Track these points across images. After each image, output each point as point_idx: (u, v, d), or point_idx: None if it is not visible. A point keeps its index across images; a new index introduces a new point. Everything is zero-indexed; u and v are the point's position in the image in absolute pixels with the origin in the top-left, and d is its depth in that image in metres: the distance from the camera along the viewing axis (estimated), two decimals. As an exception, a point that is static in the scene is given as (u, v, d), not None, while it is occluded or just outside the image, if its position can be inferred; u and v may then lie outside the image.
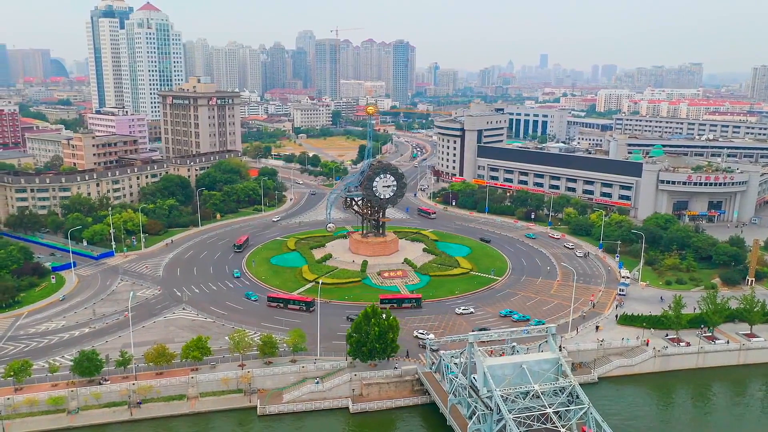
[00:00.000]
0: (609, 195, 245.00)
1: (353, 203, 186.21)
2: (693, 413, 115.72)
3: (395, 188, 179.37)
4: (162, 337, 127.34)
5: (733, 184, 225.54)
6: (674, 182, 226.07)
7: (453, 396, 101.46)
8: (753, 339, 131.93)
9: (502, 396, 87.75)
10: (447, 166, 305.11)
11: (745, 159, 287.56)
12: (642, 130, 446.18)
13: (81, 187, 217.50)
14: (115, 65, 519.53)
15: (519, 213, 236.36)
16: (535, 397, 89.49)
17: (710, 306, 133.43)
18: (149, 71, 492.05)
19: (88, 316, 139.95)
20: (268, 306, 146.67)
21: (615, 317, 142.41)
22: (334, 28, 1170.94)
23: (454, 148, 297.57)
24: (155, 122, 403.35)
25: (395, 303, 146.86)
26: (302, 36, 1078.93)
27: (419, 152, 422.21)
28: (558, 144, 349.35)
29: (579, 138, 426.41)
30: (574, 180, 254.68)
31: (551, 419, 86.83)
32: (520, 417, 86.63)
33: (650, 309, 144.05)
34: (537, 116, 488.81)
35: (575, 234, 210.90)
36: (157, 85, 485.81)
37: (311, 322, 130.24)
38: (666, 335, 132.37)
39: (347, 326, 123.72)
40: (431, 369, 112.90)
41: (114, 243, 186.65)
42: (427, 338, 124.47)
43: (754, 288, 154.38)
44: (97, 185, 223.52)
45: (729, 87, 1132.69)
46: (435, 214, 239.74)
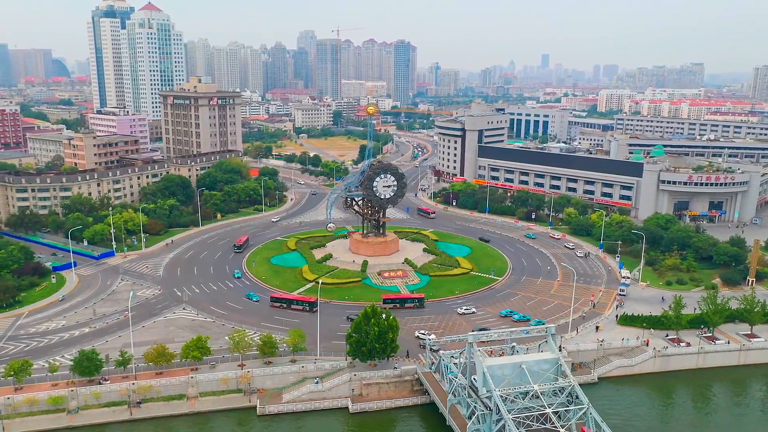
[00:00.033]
0: (610, 195, 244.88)
1: (354, 203, 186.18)
2: (693, 413, 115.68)
3: (396, 188, 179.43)
4: (162, 337, 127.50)
5: (734, 185, 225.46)
6: (675, 182, 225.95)
7: (452, 396, 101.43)
8: (753, 339, 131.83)
9: (502, 396, 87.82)
10: (448, 166, 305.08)
11: (746, 159, 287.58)
12: (643, 130, 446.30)
13: (82, 187, 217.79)
14: (117, 65, 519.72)
15: (520, 213, 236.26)
16: (535, 398, 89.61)
17: (710, 306, 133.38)
18: (150, 71, 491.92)
19: (89, 316, 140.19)
20: (271, 306, 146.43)
21: (615, 317, 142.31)
22: (336, 28, 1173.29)
23: (455, 148, 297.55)
24: (156, 122, 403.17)
25: (398, 303, 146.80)
26: (303, 36, 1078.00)
27: (420, 152, 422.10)
28: (559, 144, 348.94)
29: (580, 138, 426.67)
30: (575, 180, 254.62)
31: (551, 419, 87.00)
32: (520, 417, 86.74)
33: (650, 309, 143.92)
34: (538, 116, 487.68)
35: (576, 234, 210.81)
36: (158, 85, 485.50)
37: (311, 322, 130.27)
38: (666, 335, 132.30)
39: (347, 326, 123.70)
40: (431, 369, 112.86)
41: (114, 243, 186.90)
42: (429, 339, 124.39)
43: (755, 288, 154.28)
44: (98, 185, 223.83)
45: (730, 87, 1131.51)
46: (435, 214, 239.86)
